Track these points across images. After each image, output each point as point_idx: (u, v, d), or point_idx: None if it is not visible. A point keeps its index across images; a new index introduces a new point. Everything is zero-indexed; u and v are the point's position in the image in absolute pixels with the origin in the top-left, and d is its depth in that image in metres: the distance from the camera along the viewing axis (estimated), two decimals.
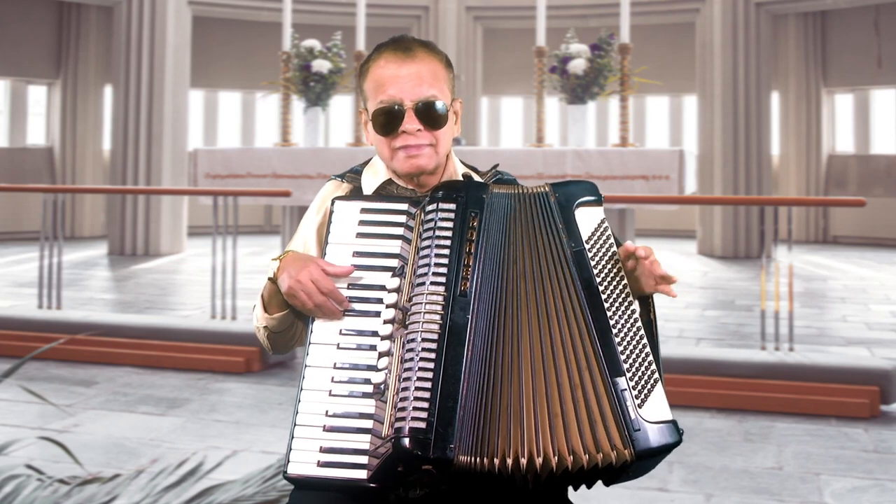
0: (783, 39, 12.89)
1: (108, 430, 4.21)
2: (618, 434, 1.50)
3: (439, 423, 1.47)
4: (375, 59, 1.78)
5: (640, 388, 1.54)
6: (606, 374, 1.53)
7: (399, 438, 1.47)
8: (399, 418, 1.49)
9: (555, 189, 1.67)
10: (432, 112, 1.74)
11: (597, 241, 1.64)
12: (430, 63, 1.77)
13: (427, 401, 1.48)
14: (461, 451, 1.47)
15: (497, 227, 1.62)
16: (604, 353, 1.54)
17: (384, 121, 1.74)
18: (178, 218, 11.24)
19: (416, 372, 1.50)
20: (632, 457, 1.49)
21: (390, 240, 1.65)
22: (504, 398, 1.51)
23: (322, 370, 1.59)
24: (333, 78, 7.89)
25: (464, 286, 1.56)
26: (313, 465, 1.53)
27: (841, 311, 7.42)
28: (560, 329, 1.56)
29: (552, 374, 1.53)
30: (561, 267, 1.60)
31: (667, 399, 1.56)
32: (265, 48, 11.69)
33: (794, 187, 12.95)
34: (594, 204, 1.68)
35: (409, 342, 1.53)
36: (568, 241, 1.62)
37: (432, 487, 1.54)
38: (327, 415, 1.55)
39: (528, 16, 8.84)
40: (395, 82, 1.73)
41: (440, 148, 1.77)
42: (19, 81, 12.94)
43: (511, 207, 1.65)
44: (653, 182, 6.79)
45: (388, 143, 1.76)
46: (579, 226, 1.64)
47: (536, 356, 1.54)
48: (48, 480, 1.90)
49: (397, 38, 1.80)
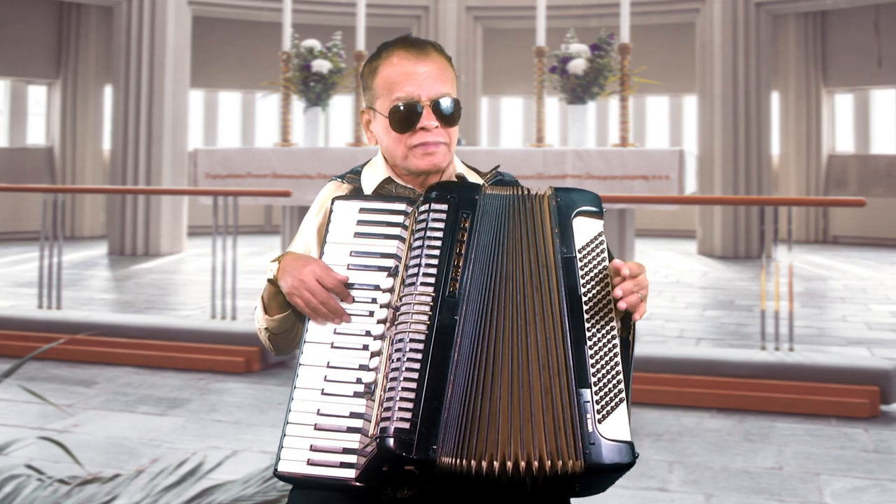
0: (783, 39, 12.89)
1: (108, 430, 4.21)
2: (573, 444, 1.49)
3: (423, 424, 1.47)
4: (387, 58, 1.77)
5: (604, 403, 1.53)
6: (573, 384, 1.53)
7: (384, 438, 1.47)
8: (384, 418, 1.49)
9: (557, 193, 1.67)
10: (449, 110, 1.74)
11: (590, 253, 1.64)
12: (442, 62, 1.78)
13: (412, 401, 1.48)
14: (444, 453, 1.47)
15: (488, 229, 1.62)
16: (574, 363, 1.54)
17: (402, 117, 1.73)
18: (178, 218, 11.24)
19: (403, 372, 1.50)
20: (581, 469, 1.49)
21: (387, 240, 1.65)
22: (485, 401, 1.51)
23: (315, 369, 1.59)
24: (333, 78, 7.89)
25: (453, 287, 1.56)
26: (303, 464, 1.53)
27: (841, 311, 7.42)
28: (537, 333, 1.56)
29: (526, 378, 1.53)
30: (547, 271, 1.60)
31: (629, 421, 1.55)
32: (265, 48, 11.69)
33: (794, 187, 12.95)
34: (594, 216, 1.67)
35: (398, 342, 1.54)
36: (560, 246, 1.61)
37: (419, 488, 1.54)
38: (319, 413, 1.56)
39: (528, 16, 8.84)
40: (411, 79, 1.73)
41: (452, 146, 1.78)
42: (19, 81, 12.94)
43: (504, 209, 1.64)
44: (653, 182, 6.79)
45: (405, 141, 1.75)
46: (575, 234, 1.63)
47: (514, 359, 1.54)
48: (48, 480, 1.90)
49: (406, 36, 1.80)
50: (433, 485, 1.52)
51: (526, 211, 1.64)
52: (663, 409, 4.50)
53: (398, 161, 1.79)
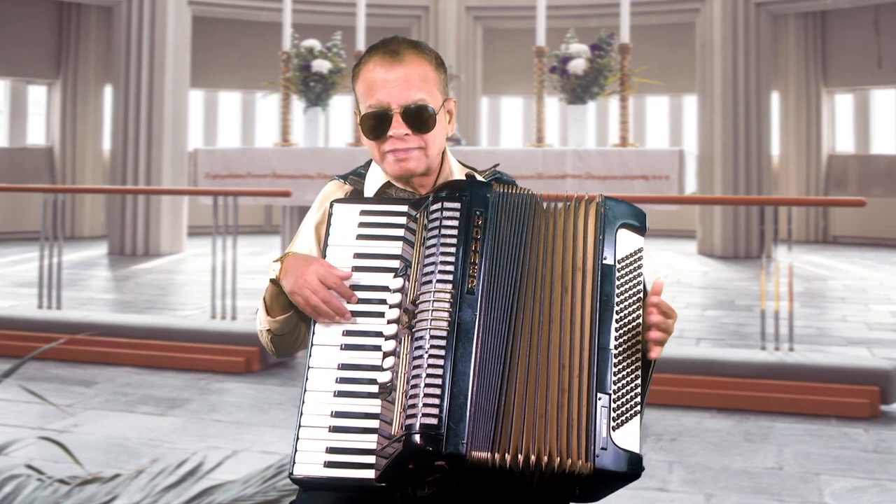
0: (783, 39, 12.89)
1: (108, 430, 4.21)
2: (584, 445, 1.50)
3: (451, 419, 1.47)
4: (365, 63, 1.78)
5: (621, 412, 1.54)
6: (593, 387, 1.53)
7: (410, 435, 1.46)
8: (410, 415, 1.48)
9: (606, 202, 1.67)
10: (420, 116, 1.74)
11: (628, 266, 1.64)
12: (419, 66, 1.76)
13: (438, 397, 1.48)
14: (473, 447, 1.47)
15: (506, 226, 1.61)
16: (597, 367, 1.54)
17: (372, 125, 1.75)
18: (178, 218, 11.24)
19: (426, 369, 1.50)
20: (589, 471, 1.49)
21: (391, 241, 1.65)
22: (508, 395, 1.52)
23: (326, 371, 1.59)
24: (333, 78, 7.89)
25: (471, 284, 1.56)
26: (320, 466, 1.53)
27: (841, 311, 7.42)
28: (561, 333, 1.56)
29: (544, 375, 1.54)
30: (582, 275, 1.60)
31: (640, 435, 1.56)
32: (265, 48, 11.68)
33: (794, 187, 12.95)
34: (637, 231, 1.68)
35: (418, 340, 1.53)
36: (602, 253, 1.62)
37: (442, 485, 1.54)
38: (332, 415, 1.55)
39: (528, 16, 8.84)
40: (382, 87, 1.74)
41: (430, 150, 1.77)
42: (19, 81, 12.93)
43: (525, 207, 1.63)
44: (653, 182, 6.79)
45: (378, 147, 1.77)
46: (617, 244, 1.64)
47: (532, 355, 1.54)
48: (48, 480, 1.90)
49: (388, 39, 1.80)
50: (458, 481, 1.52)
51: (567, 212, 1.64)
52: (663, 409, 4.50)
53: (379, 164, 1.82)
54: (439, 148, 1.80)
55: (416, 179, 1.80)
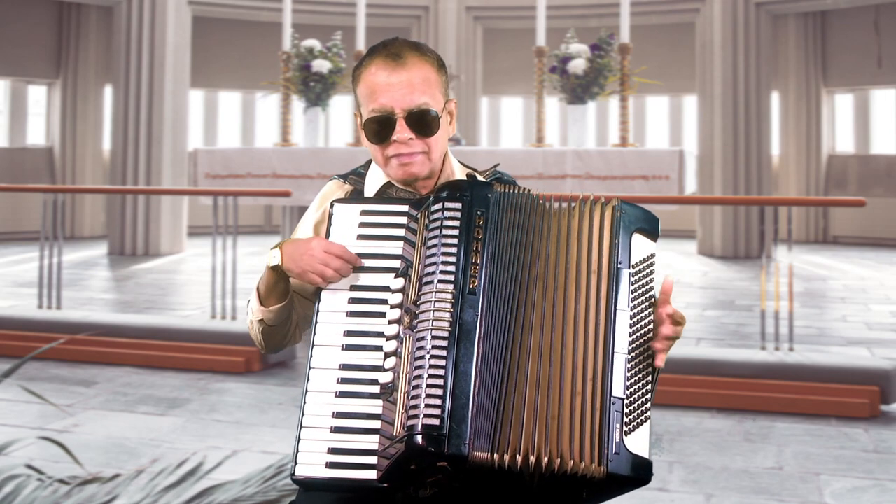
0: (783, 39, 12.88)
1: (108, 430, 4.21)
2: (597, 449, 1.50)
3: (453, 419, 1.46)
4: (367, 66, 1.77)
5: (633, 417, 1.54)
6: (608, 391, 1.53)
7: (412, 436, 1.46)
8: (412, 416, 1.48)
9: (622, 206, 1.66)
10: (424, 120, 1.73)
11: (641, 270, 1.64)
12: (422, 69, 1.75)
13: (439, 398, 1.47)
14: (475, 448, 1.47)
15: (508, 227, 1.61)
16: (612, 372, 1.54)
17: (376, 129, 1.74)
18: (178, 218, 11.24)
19: (428, 370, 1.49)
20: (602, 475, 1.49)
21: (392, 241, 1.65)
22: (510, 396, 1.51)
23: (327, 371, 1.58)
24: (333, 78, 7.89)
25: (472, 284, 1.55)
26: (321, 467, 1.52)
27: (841, 311, 7.42)
28: (575, 335, 1.56)
29: (557, 377, 1.53)
30: (597, 278, 1.59)
31: (649, 441, 1.56)
32: (265, 48, 11.68)
33: (794, 187, 12.95)
34: (651, 236, 1.69)
35: (419, 340, 1.52)
36: (618, 256, 1.62)
37: (443, 486, 1.53)
38: (334, 416, 1.55)
39: (528, 16, 8.84)
40: (386, 91, 1.73)
41: (433, 154, 1.76)
42: (19, 81, 12.93)
43: (530, 208, 1.63)
44: (653, 182, 6.79)
45: (381, 151, 1.76)
46: (632, 248, 1.64)
47: (543, 357, 1.54)
48: (48, 480, 1.90)
49: (389, 41, 1.79)
50: (461, 482, 1.51)
51: (581, 213, 1.63)
52: (663, 409, 4.50)
53: (381, 168, 1.81)
54: (442, 150, 1.80)
55: (417, 182, 1.79)
